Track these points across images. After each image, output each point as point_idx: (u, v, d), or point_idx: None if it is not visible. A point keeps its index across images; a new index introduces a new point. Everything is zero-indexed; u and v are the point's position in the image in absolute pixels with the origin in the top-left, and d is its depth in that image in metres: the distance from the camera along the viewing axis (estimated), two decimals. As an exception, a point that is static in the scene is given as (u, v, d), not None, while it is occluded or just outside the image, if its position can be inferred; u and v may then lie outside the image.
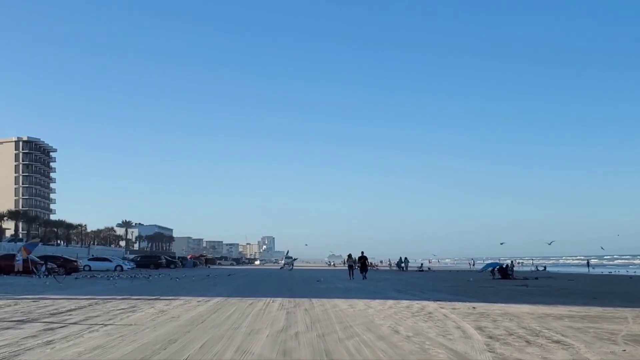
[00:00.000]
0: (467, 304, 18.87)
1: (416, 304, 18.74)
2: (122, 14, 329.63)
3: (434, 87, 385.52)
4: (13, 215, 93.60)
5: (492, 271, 46.37)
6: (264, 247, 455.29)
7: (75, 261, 49.97)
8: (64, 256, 52.13)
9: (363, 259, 40.23)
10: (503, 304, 18.72)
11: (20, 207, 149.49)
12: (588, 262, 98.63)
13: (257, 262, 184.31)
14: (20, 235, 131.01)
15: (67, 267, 47.60)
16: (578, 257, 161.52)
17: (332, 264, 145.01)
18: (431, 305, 18.41)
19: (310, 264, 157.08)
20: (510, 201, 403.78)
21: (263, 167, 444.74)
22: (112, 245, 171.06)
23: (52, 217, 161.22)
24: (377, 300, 20.64)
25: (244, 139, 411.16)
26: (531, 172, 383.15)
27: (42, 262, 44.46)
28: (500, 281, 39.40)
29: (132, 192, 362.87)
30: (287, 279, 41.72)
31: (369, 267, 40.75)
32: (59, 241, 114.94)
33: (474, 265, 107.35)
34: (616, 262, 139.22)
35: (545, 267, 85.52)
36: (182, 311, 16.11)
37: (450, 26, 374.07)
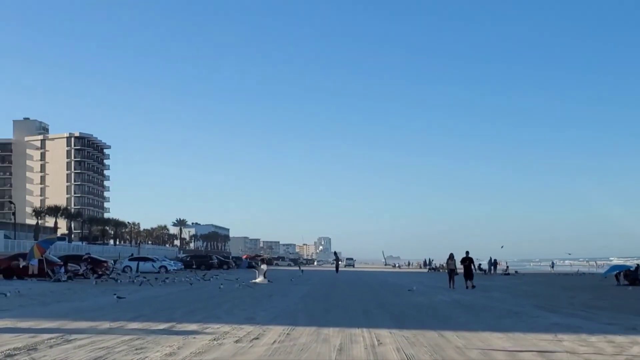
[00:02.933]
0: None
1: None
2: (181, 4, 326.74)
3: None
4: (63, 213, 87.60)
5: (617, 276, 37.07)
6: (321, 247, 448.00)
7: (105, 262, 41.76)
8: (92, 255, 44.30)
9: (468, 260, 30.42)
10: None
11: (73, 206, 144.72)
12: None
13: (315, 263, 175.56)
14: (73, 235, 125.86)
15: (96, 268, 39.51)
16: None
17: (396, 265, 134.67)
18: None
19: (369, 265, 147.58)
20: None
21: (321, 167, 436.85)
22: (167, 245, 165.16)
23: (106, 215, 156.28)
24: (543, 335, 11.71)
25: (302, 140, 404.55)
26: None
27: (61, 262, 36.46)
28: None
29: (188, 192, 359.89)
30: (364, 287, 32.42)
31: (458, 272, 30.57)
32: (106, 240, 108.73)
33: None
34: None
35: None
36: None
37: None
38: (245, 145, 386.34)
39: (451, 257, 30.92)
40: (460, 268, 30.86)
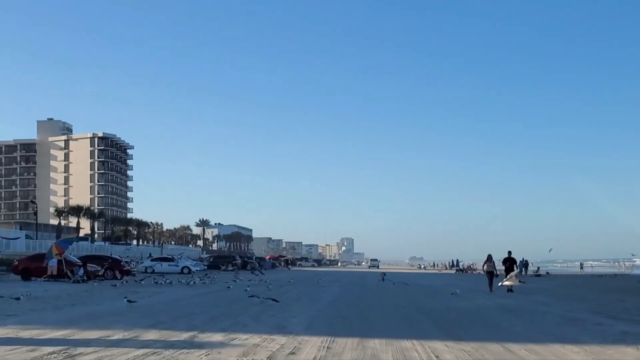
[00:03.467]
0: None
1: None
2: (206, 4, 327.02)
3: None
4: (86, 213, 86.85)
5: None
6: (343, 248, 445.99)
7: (126, 262, 40.50)
8: (112, 256, 43.12)
9: (510, 261, 28.03)
10: None
11: (96, 206, 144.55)
12: None
13: (340, 264, 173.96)
14: (97, 235, 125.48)
15: (116, 269, 38.30)
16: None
17: (421, 266, 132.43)
18: None
19: (393, 266, 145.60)
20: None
21: (342, 168, 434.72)
22: (190, 245, 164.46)
23: (129, 216, 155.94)
24: (622, 347, 10.21)
25: (324, 140, 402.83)
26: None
27: (81, 263, 35.30)
28: None
29: (211, 192, 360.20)
30: (395, 289, 30.73)
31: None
32: (129, 240, 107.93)
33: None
34: None
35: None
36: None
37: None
38: (266, 145, 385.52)
39: (489, 258, 28.95)
40: (500, 269, 28.90)
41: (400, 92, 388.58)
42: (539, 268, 76.19)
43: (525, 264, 69.34)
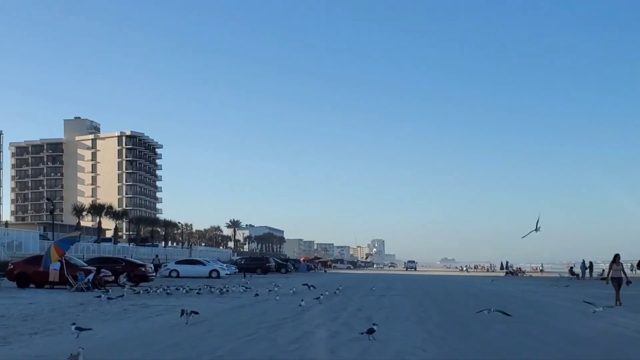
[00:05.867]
0: None
1: None
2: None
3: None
4: (108, 212, 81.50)
5: None
6: (374, 249, 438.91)
7: (143, 265, 34.17)
8: (126, 258, 37.03)
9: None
10: None
11: (124, 206, 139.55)
12: None
13: (375, 266, 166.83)
14: (125, 237, 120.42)
15: (131, 273, 32.16)
16: None
17: (463, 268, 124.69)
18: None
19: (429, 268, 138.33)
20: None
21: (371, 169, 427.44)
22: (221, 247, 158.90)
23: (159, 217, 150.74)
24: None
25: (352, 140, 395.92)
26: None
27: (87, 266, 29.17)
28: None
29: (241, 193, 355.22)
30: (471, 300, 23.96)
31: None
32: (157, 241, 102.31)
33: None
34: None
35: None
36: None
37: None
38: (296, 146, 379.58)
39: (616, 259, 21.63)
40: (618, 273, 21.63)
41: (436, 91, 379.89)
42: (604, 271, 68.55)
43: (589, 266, 62.14)
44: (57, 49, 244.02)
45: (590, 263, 63.23)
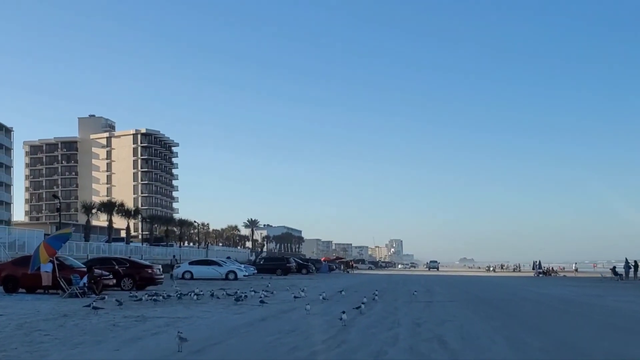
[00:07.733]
0: None
1: None
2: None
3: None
4: (120, 210, 77.70)
5: None
6: (392, 249, 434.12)
7: (150, 267, 29.99)
8: (131, 258, 33.01)
9: None
10: None
11: (140, 205, 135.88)
12: None
13: (400, 266, 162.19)
14: (140, 237, 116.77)
15: (137, 276, 28.17)
16: None
17: (490, 268, 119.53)
18: None
19: (450, 268, 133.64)
20: None
21: (387, 170, 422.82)
22: (239, 247, 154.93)
23: (175, 216, 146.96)
24: None
25: (368, 142, 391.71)
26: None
27: (85, 269, 25.20)
28: None
29: (258, 193, 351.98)
30: (527, 306, 19.69)
31: None
32: (172, 241, 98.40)
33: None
34: None
35: None
36: None
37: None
38: (314, 145, 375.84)
39: None
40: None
41: (457, 91, 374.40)
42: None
43: (634, 265, 57.31)
44: (72, 48, 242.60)
45: (635, 262, 58.23)
